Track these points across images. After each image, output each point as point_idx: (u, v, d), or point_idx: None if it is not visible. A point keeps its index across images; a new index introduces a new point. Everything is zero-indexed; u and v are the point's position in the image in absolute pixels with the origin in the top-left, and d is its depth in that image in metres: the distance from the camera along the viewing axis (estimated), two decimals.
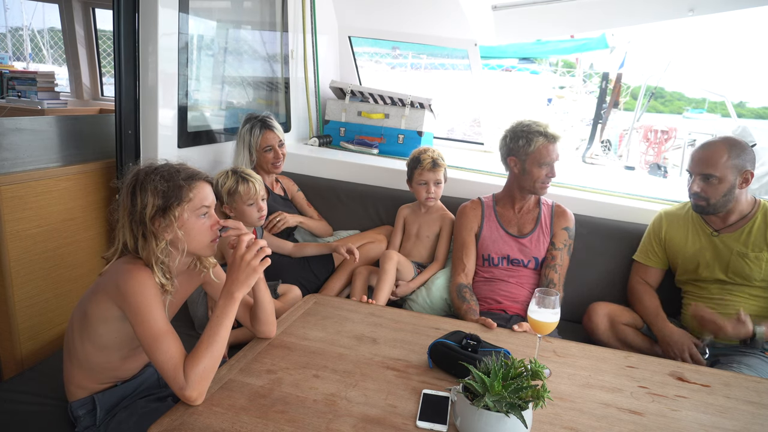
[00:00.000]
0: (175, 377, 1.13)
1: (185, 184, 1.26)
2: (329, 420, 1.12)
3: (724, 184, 1.82)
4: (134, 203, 1.24)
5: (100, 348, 1.30)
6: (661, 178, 3.46)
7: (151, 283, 1.21)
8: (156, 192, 1.23)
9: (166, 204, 1.23)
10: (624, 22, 3.26)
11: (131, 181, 1.26)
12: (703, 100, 17.54)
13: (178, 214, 1.24)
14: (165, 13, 2.02)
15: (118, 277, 1.21)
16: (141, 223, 1.23)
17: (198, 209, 1.28)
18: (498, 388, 1.04)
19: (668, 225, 2.06)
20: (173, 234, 1.25)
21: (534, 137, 2.02)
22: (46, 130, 2.09)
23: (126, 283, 1.19)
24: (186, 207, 1.26)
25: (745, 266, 1.86)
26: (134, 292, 1.18)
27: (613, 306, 2.08)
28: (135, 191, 1.24)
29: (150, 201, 1.23)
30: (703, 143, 1.93)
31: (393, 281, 2.18)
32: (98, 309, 1.25)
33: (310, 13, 3.09)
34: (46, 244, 1.90)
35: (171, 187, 1.24)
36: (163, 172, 1.26)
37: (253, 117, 2.35)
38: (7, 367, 1.85)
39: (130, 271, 1.20)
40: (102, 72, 4.98)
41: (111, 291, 1.22)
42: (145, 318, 1.17)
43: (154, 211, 1.23)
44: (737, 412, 1.30)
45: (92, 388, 1.34)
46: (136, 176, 1.27)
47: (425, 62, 10.10)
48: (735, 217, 1.90)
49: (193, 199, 1.27)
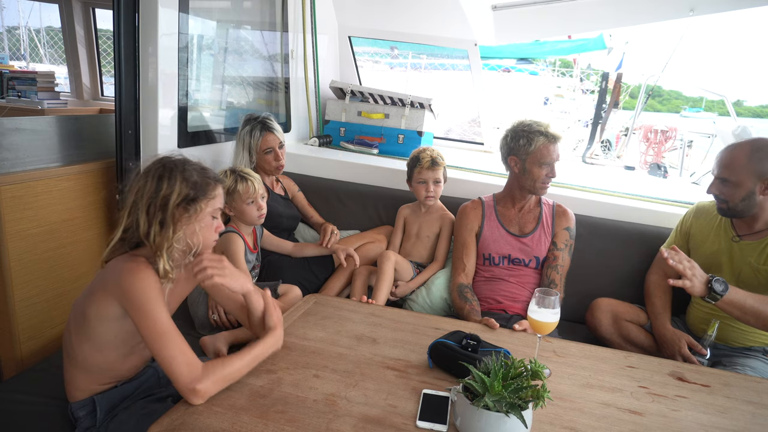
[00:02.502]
0: (190, 370, 1.14)
1: (213, 183, 1.30)
2: (329, 420, 1.12)
3: (740, 189, 1.75)
4: (159, 188, 1.23)
5: (99, 348, 1.30)
6: (661, 178, 3.46)
7: (154, 279, 1.21)
8: (187, 182, 1.25)
9: (195, 195, 1.25)
10: (624, 22, 3.27)
11: (158, 166, 1.26)
12: (700, 99, 17.55)
13: (202, 207, 1.26)
14: (165, 13, 2.02)
15: (120, 275, 1.20)
16: (161, 209, 1.23)
17: (215, 210, 1.32)
18: (498, 388, 1.04)
19: (696, 219, 2.02)
20: (188, 226, 1.26)
21: (535, 137, 2.02)
22: (46, 130, 2.09)
23: (128, 281, 1.18)
24: (209, 204, 1.29)
25: (754, 279, 1.80)
26: (138, 289, 1.18)
27: (616, 302, 2.08)
28: (162, 177, 1.24)
29: (178, 189, 1.23)
30: (729, 144, 1.87)
31: (391, 281, 2.18)
32: (97, 308, 1.24)
33: (310, 13, 3.09)
34: (46, 244, 1.90)
35: (202, 181, 1.27)
36: (196, 166, 1.30)
37: (253, 118, 2.35)
38: (7, 367, 1.85)
39: (132, 269, 1.20)
40: (102, 72, 4.98)
41: (112, 289, 1.21)
42: (150, 315, 1.17)
43: (181, 200, 1.23)
44: (737, 412, 1.30)
45: (92, 389, 1.34)
46: (164, 163, 1.27)
47: (425, 62, 10.11)
48: (760, 225, 1.81)
49: (216, 198, 1.31)
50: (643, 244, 2.25)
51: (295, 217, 2.55)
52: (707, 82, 21.89)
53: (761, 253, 1.79)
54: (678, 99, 22.45)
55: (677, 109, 18.46)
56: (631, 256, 2.27)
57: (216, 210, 1.32)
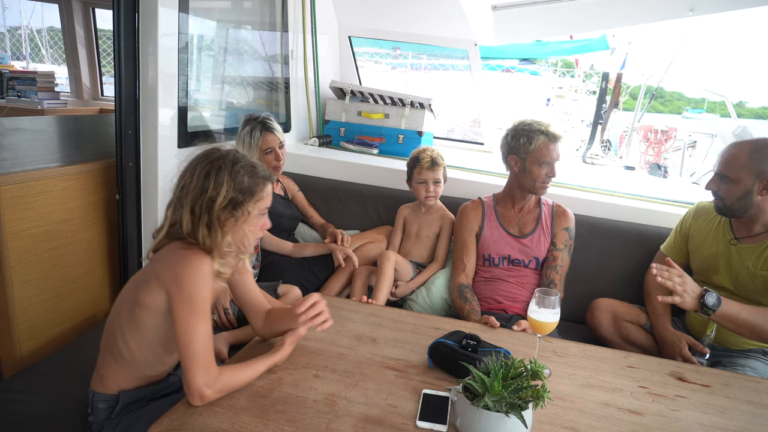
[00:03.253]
0: (206, 373, 1.13)
1: (261, 182, 1.24)
2: (329, 420, 1.12)
3: (737, 187, 1.74)
4: (205, 187, 1.18)
5: (146, 343, 1.26)
6: (661, 179, 3.46)
7: (208, 270, 1.17)
8: (234, 184, 1.19)
9: (242, 199, 1.20)
10: (624, 23, 3.27)
11: (205, 163, 1.21)
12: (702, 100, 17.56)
13: (249, 209, 1.22)
14: (165, 13, 2.02)
15: (177, 261, 1.17)
16: (207, 211, 1.18)
17: (262, 209, 1.27)
18: (498, 388, 1.04)
19: (694, 220, 2.01)
20: (235, 229, 1.22)
21: (535, 136, 2.02)
22: (46, 130, 2.09)
23: (183, 267, 1.15)
24: (257, 206, 1.24)
25: (751, 284, 1.79)
26: (191, 278, 1.14)
27: (616, 302, 2.08)
28: (209, 175, 1.19)
29: (224, 191, 1.18)
30: (732, 142, 1.85)
31: (391, 282, 2.18)
32: (151, 298, 1.20)
33: (310, 13, 3.09)
34: (46, 244, 1.90)
35: (250, 183, 1.21)
36: (244, 165, 1.22)
37: (253, 118, 2.35)
38: (7, 367, 1.85)
39: (189, 257, 1.16)
40: (102, 72, 4.98)
41: (165, 278, 1.17)
42: (195, 304, 1.14)
43: (227, 203, 1.19)
44: (737, 412, 1.30)
45: (121, 384, 1.31)
46: (211, 160, 1.21)
47: (425, 62, 10.11)
48: (759, 227, 1.79)
49: (264, 198, 1.25)
50: (643, 244, 2.24)
51: (295, 217, 2.55)
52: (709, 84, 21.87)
53: (758, 257, 1.78)
54: (680, 100, 22.46)
55: (679, 110, 18.46)
56: (631, 256, 2.27)
57: (264, 209, 1.27)
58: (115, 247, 2.20)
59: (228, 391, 1.17)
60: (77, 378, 1.63)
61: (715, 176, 1.81)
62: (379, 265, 2.19)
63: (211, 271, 1.18)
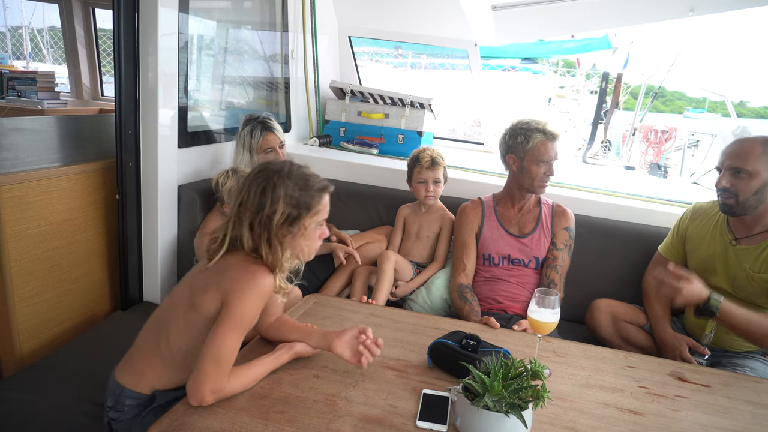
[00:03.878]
0: (219, 380, 1.13)
1: (317, 195, 1.24)
2: (329, 420, 1.12)
3: (755, 180, 1.70)
4: (263, 204, 1.19)
5: (190, 344, 1.24)
6: (661, 178, 3.46)
7: (268, 290, 1.19)
8: (290, 199, 1.20)
9: (299, 213, 1.21)
10: (624, 23, 3.27)
11: (262, 180, 1.21)
12: (703, 100, 17.55)
13: (305, 224, 1.22)
14: (165, 13, 2.02)
15: (241, 277, 1.18)
16: (266, 228, 1.19)
17: (321, 222, 1.27)
18: (498, 388, 1.04)
19: (692, 221, 1.99)
20: (294, 242, 1.23)
21: (532, 134, 2.02)
22: (46, 130, 2.09)
23: (248, 285, 1.16)
24: (314, 219, 1.24)
25: (749, 286, 1.78)
26: (250, 297, 1.16)
27: (616, 303, 2.08)
28: (266, 192, 1.20)
29: (281, 207, 1.19)
30: (738, 138, 1.82)
31: (391, 282, 2.18)
32: (206, 304, 1.20)
33: (310, 13, 3.09)
34: (46, 244, 1.91)
35: (305, 196, 1.22)
36: (299, 179, 1.23)
37: (253, 118, 2.35)
38: (7, 366, 1.85)
39: (254, 274, 1.18)
40: (102, 72, 4.98)
41: (227, 288, 1.18)
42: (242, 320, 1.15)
43: (284, 219, 1.20)
44: (737, 412, 1.30)
45: (156, 383, 1.28)
46: (268, 175, 1.22)
47: (425, 62, 10.11)
48: (760, 227, 1.77)
49: (321, 211, 1.25)
50: (643, 244, 2.24)
51: None
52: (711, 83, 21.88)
53: (756, 259, 1.76)
54: (681, 100, 22.44)
55: (680, 110, 18.45)
56: (630, 256, 2.27)
57: (322, 221, 1.27)
58: (115, 247, 2.21)
59: (227, 396, 1.17)
60: (77, 377, 1.64)
61: (727, 172, 1.76)
62: (379, 265, 2.19)
63: (270, 290, 1.20)
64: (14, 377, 1.67)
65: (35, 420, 1.45)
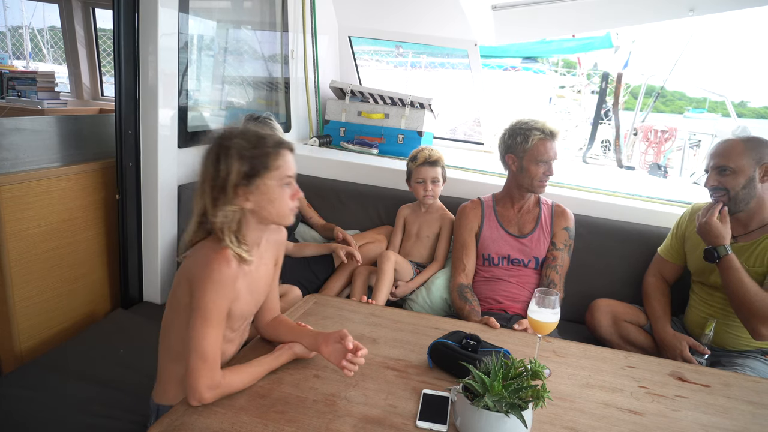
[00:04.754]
0: (211, 374, 1.12)
1: (272, 152, 1.20)
2: (329, 420, 1.12)
3: (740, 176, 1.76)
4: (217, 170, 1.17)
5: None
6: (661, 178, 3.46)
7: (227, 277, 1.15)
8: (242, 157, 1.17)
9: (254, 171, 1.18)
10: (624, 22, 3.27)
11: (214, 148, 1.20)
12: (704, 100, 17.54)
13: (266, 183, 1.19)
14: (165, 13, 2.02)
15: (197, 266, 1.16)
16: (223, 191, 1.17)
17: (283, 178, 1.22)
18: (498, 388, 1.04)
19: (690, 221, 2.00)
20: (255, 202, 1.20)
21: (531, 134, 2.02)
22: (46, 130, 2.10)
23: (203, 275, 1.14)
24: (272, 175, 1.20)
25: None
26: (207, 287, 1.13)
27: (616, 303, 2.08)
28: (219, 157, 1.17)
29: (235, 167, 1.16)
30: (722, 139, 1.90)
31: (391, 281, 2.18)
32: (183, 297, 1.19)
33: (310, 13, 3.09)
34: (46, 244, 1.91)
35: (258, 154, 1.18)
36: (250, 137, 1.20)
37: (254, 118, 2.35)
38: (6, 366, 1.85)
39: (209, 263, 1.15)
40: (102, 72, 4.98)
41: (189, 277, 1.17)
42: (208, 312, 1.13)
43: (239, 178, 1.17)
44: (737, 412, 1.30)
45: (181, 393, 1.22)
46: (219, 142, 1.20)
47: (425, 62, 10.10)
48: (755, 224, 1.82)
49: (282, 167, 1.21)
50: (643, 244, 2.24)
51: (295, 217, 2.54)
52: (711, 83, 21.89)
53: (751, 255, 1.79)
54: (681, 100, 22.42)
55: (680, 110, 18.44)
56: (630, 256, 2.27)
57: (284, 179, 1.22)
58: (114, 247, 2.20)
59: (227, 394, 1.17)
60: (77, 376, 1.64)
61: (714, 171, 1.82)
62: (379, 265, 2.19)
63: (229, 277, 1.16)
64: (14, 374, 1.67)
65: (35, 417, 1.45)
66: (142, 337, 1.74)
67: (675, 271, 2.08)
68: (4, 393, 1.54)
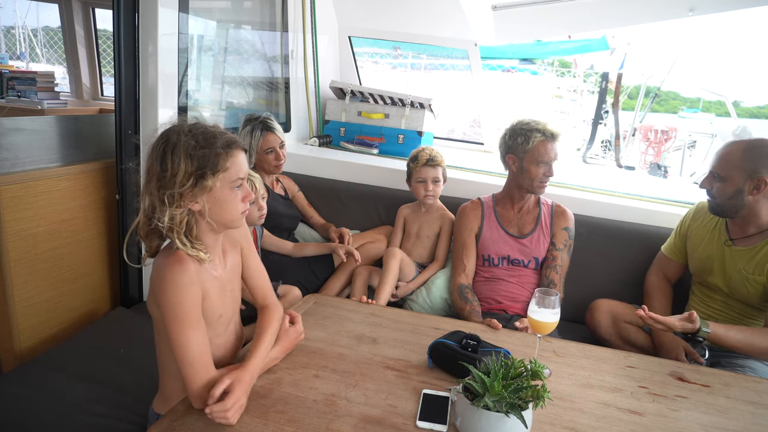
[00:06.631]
0: (205, 376, 1.12)
1: (223, 152, 1.13)
2: (329, 420, 1.12)
3: (729, 185, 1.73)
4: (164, 169, 1.10)
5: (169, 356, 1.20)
6: (661, 178, 3.46)
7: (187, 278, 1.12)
8: (190, 157, 1.10)
9: (201, 173, 1.11)
10: (623, 23, 3.27)
11: (161, 144, 1.12)
12: (698, 100, 17.54)
13: (215, 185, 1.13)
14: (165, 13, 2.02)
15: (155, 278, 1.13)
16: (168, 189, 1.10)
17: (233, 181, 1.16)
18: (498, 388, 1.04)
19: (693, 220, 2.00)
20: (203, 205, 1.14)
21: (532, 134, 2.02)
22: (46, 130, 2.09)
23: (162, 285, 1.11)
24: (221, 177, 1.14)
25: (744, 288, 1.79)
26: (170, 294, 1.10)
27: (616, 303, 2.08)
28: (165, 155, 1.11)
29: (182, 167, 1.10)
30: (730, 141, 1.85)
31: (395, 279, 2.17)
32: (155, 312, 1.18)
33: (310, 13, 3.09)
34: (46, 244, 1.90)
35: (207, 154, 1.12)
36: (198, 136, 1.13)
37: (254, 118, 2.35)
38: (6, 366, 1.85)
39: (163, 272, 1.12)
40: (102, 72, 4.98)
41: (151, 288, 1.15)
42: (180, 316, 1.10)
43: (187, 178, 1.10)
44: (737, 412, 1.30)
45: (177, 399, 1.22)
46: (167, 138, 1.13)
47: (425, 62, 10.10)
48: (753, 229, 1.78)
49: (230, 169, 1.15)
50: (643, 244, 2.25)
51: (295, 217, 2.55)
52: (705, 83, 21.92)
53: (750, 261, 1.77)
54: (676, 99, 22.45)
55: (675, 109, 18.46)
56: (630, 257, 2.27)
57: (235, 181, 1.16)
58: (115, 247, 2.20)
59: None
60: (77, 375, 1.64)
61: (709, 175, 1.81)
62: (385, 261, 2.19)
63: (185, 277, 1.11)
64: (14, 373, 1.67)
65: (34, 415, 1.45)
66: (142, 336, 1.74)
67: (678, 269, 2.08)
68: (3, 392, 1.54)
